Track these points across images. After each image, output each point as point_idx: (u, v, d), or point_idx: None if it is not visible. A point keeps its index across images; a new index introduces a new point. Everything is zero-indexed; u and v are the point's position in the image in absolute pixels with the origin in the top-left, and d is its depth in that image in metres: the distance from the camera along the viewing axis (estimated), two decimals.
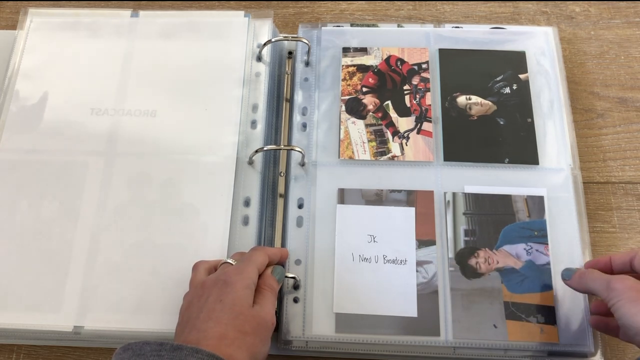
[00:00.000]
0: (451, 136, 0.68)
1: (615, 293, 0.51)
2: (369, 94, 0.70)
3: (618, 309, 0.51)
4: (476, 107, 0.69)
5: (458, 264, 0.62)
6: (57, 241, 0.63)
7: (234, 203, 0.65)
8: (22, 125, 0.69)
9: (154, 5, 0.81)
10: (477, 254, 0.62)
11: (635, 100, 0.74)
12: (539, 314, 0.59)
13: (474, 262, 0.61)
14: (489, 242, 0.62)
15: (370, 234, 0.63)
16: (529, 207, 0.63)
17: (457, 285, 0.61)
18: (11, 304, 0.61)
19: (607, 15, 0.80)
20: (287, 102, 0.73)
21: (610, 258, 0.57)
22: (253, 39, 0.73)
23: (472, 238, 0.63)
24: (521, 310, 0.59)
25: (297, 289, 0.61)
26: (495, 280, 0.61)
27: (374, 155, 0.67)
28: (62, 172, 0.67)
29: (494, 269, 0.61)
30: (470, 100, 0.69)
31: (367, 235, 0.63)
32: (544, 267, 0.61)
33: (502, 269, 0.61)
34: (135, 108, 0.70)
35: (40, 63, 0.73)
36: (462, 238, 0.63)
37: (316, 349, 0.60)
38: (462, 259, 0.62)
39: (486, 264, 0.61)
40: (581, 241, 0.62)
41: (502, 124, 0.68)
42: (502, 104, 0.69)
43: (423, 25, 0.75)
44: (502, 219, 0.63)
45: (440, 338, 0.59)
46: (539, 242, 0.62)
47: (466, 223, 0.63)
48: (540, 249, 0.62)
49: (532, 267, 0.61)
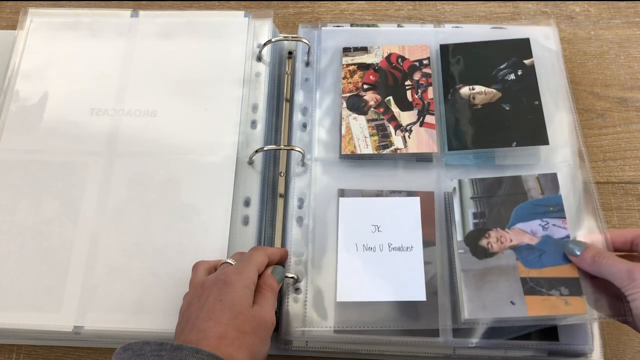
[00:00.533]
0: (455, 126, 0.67)
1: (637, 283, 0.49)
2: (370, 91, 0.70)
3: (635, 300, 0.49)
4: (480, 97, 0.68)
5: (468, 246, 0.60)
6: (57, 241, 0.63)
7: (234, 203, 0.65)
8: (22, 125, 0.69)
9: (154, 5, 0.81)
10: (488, 235, 0.60)
11: (635, 100, 0.74)
12: (562, 287, 0.57)
13: (485, 242, 0.60)
14: (500, 222, 0.61)
15: (374, 224, 0.63)
16: (542, 185, 0.62)
17: (469, 266, 0.59)
18: (11, 303, 0.61)
19: (607, 15, 0.80)
20: (287, 102, 0.73)
21: (610, 235, 0.56)
22: (253, 39, 0.73)
23: (482, 220, 0.61)
24: (541, 284, 0.57)
25: (297, 289, 0.61)
26: (510, 258, 0.59)
27: (377, 149, 0.66)
28: (62, 172, 0.67)
29: (508, 247, 0.59)
30: (474, 90, 0.69)
31: (371, 226, 0.63)
32: (563, 241, 0.59)
33: (517, 246, 0.59)
34: (135, 108, 0.70)
35: (40, 63, 0.73)
36: (471, 221, 0.61)
37: (316, 348, 0.60)
38: (472, 241, 0.60)
39: (498, 243, 0.59)
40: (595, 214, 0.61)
41: (508, 109, 0.67)
42: (506, 90, 0.68)
43: (423, 26, 0.75)
44: (514, 199, 0.62)
45: (439, 339, 0.59)
46: (556, 217, 0.60)
47: (474, 206, 0.62)
48: (558, 223, 0.60)
49: (550, 241, 0.59)
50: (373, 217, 0.63)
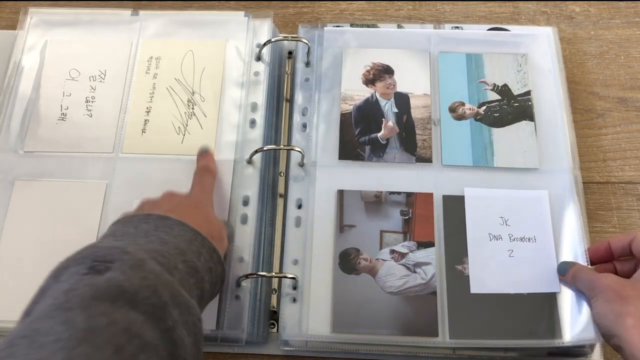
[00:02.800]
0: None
1: (594, 292, 0.52)
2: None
3: (593, 308, 0.52)
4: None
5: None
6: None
7: (233, 203, 0.65)
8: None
9: (154, 5, 0.81)
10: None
11: (635, 100, 0.74)
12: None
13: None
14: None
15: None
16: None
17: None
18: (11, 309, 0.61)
19: (607, 15, 0.79)
20: (287, 102, 0.73)
21: (609, 242, 0.57)
22: (253, 39, 0.73)
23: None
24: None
25: (296, 289, 0.61)
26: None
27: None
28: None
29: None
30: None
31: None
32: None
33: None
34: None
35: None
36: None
37: (316, 349, 0.60)
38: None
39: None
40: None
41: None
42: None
43: (423, 26, 0.75)
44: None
45: (437, 339, 0.59)
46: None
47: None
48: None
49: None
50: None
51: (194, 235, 0.48)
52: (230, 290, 0.61)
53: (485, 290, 0.60)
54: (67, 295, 0.37)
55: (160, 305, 0.40)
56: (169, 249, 0.45)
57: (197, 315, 0.43)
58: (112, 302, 0.38)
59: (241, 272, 0.61)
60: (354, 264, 0.62)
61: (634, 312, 0.48)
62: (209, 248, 0.49)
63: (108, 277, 0.39)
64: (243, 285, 0.61)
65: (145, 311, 0.39)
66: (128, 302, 0.38)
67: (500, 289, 0.60)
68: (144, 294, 0.39)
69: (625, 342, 0.47)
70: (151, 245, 0.45)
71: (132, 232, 0.47)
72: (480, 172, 0.66)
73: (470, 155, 0.67)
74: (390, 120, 0.69)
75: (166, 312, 0.40)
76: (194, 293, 0.46)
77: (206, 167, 0.63)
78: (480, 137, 0.68)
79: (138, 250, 0.43)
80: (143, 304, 0.39)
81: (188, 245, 0.47)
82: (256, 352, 0.62)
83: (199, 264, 0.47)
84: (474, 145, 0.67)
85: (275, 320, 0.62)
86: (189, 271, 0.46)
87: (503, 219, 0.63)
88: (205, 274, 0.48)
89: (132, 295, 0.39)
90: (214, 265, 0.49)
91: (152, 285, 0.40)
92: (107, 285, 0.38)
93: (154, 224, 0.48)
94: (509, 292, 0.60)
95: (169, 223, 0.48)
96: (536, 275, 0.60)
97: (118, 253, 0.42)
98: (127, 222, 0.49)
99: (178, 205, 0.54)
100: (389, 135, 0.68)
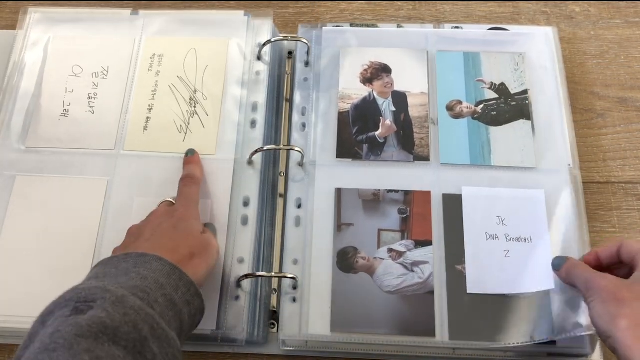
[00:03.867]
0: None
1: (590, 293, 0.51)
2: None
3: (590, 309, 0.51)
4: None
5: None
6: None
7: (233, 203, 0.65)
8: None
9: (154, 5, 0.82)
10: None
11: (635, 100, 0.74)
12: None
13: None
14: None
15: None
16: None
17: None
18: (12, 304, 0.61)
19: (607, 15, 0.79)
20: (287, 102, 0.74)
21: (597, 253, 0.57)
22: (253, 39, 0.73)
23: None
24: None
25: (296, 289, 0.61)
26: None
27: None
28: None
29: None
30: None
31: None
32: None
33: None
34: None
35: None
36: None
37: (316, 348, 0.60)
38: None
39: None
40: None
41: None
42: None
43: (423, 26, 0.75)
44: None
45: (435, 339, 0.58)
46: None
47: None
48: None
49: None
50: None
51: (172, 270, 0.50)
52: (230, 291, 0.61)
53: (482, 290, 0.60)
54: (52, 338, 0.39)
55: (141, 340, 0.42)
56: (148, 283, 0.47)
57: (176, 347, 0.45)
58: (95, 338, 0.40)
59: (241, 272, 0.61)
60: (351, 262, 0.62)
61: (629, 314, 0.48)
62: (186, 282, 0.50)
63: (90, 315, 0.41)
64: (243, 286, 0.61)
65: (126, 347, 0.41)
66: (110, 339, 0.40)
67: (496, 290, 0.60)
68: (125, 330, 0.41)
69: (619, 344, 0.47)
70: (132, 282, 0.47)
71: (114, 272, 0.48)
72: (477, 170, 0.66)
73: (468, 153, 0.67)
74: (387, 119, 0.69)
75: (146, 347, 0.42)
76: (173, 326, 0.47)
77: (190, 176, 0.64)
78: (478, 135, 0.68)
79: (119, 288, 0.45)
80: (124, 340, 0.41)
81: (167, 279, 0.49)
82: (256, 352, 0.62)
83: (176, 298, 0.48)
84: (471, 143, 0.67)
85: (275, 320, 0.62)
86: (167, 304, 0.47)
87: (500, 219, 0.63)
88: (183, 307, 0.49)
89: (113, 330, 0.41)
90: (191, 298, 0.50)
91: (132, 320, 0.42)
92: (89, 324, 0.40)
93: (132, 262, 0.49)
94: (506, 293, 0.60)
95: (147, 259, 0.49)
96: (531, 277, 0.60)
97: (99, 292, 0.43)
98: (107, 263, 0.50)
99: (158, 228, 0.56)
100: (386, 134, 0.68)
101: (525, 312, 0.59)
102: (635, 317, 0.47)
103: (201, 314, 0.52)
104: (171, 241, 0.54)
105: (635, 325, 0.47)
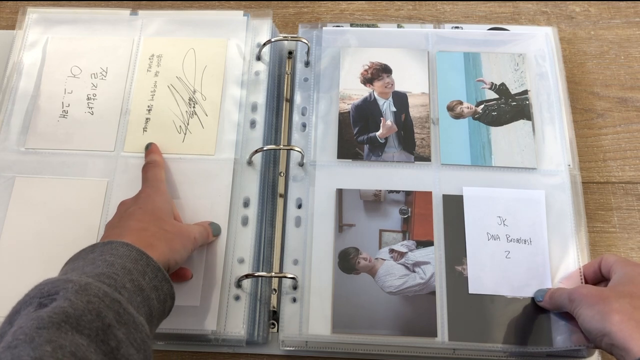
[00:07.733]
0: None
1: (575, 303, 0.53)
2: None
3: (579, 317, 0.52)
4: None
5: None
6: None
7: (233, 203, 0.65)
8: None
9: (154, 5, 0.81)
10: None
11: (635, 100, 0.74)
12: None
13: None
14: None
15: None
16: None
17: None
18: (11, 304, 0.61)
19: (607, 15, 0.79)
20: (287, 102, 0.73)
21: (580, 270, 0.59)
22: (252, 39, 0.73)
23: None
24: None
25: (296, 289, 0.61)
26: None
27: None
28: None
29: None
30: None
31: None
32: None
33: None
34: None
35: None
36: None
37: (316, 349, 0.60)
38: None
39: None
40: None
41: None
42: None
43: (423, 26, 0.75)
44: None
45: (437, 339, 0.58)
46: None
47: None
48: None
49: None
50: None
51: (139, 255, 0.49)
52: (230, 291, 0.61)
53: (483, 291, 0.60)
54: (15, 335, 0.39)
55: (103, 327, 0.41)
56: (115, 269, 0.47)
57: (145, 331, 0.44)
58: (57, 328, 0.39)
59: (241, 272, 0.61)
60: (353, 263, 0.62)
61: (619, 308, 0.49)
62: (153, 267, 0.50)
63: (53, 307, 0.41)
64: (243, 286, 0.61)
65: (89, 335, 0.40)
66: (73, 327, 0.40)
67: (497, 291, 0.60)
68: (88, 318, 0.41)
69: (616, 337, 0.48)
70: (98, 269, 0.46)
71: (81, 264, 0.48)
72: (478, 171, 0.66)
73: (469, 154, 0.67)
74: (388, 119, 0.69)
75: (109, 334, 0.41)
76: (142, 311, 0.47)
77: (150, 161, 0.64)
78: (479, 136, 0.68)
79: (83, 277, 0.44)
80: (87, 328, 0.40)
81: (134, 265, 0.48)
82: (256, 352, 0.62)
83: (144, 283, 0.48)
84: (472, 144, 0.67)
85: (275, 320, 0.62)
86: (135, 290, 0.47)
87: (501, 219, 0.63)
88: (151, 292, 0.49)
89: (76, 319, 0.40)
90: (159, 284, 0.50)
91: (96, 308, 0.42)
92: (50, 315, 0.40)
93: (99, 251, 0.49)
94: (506, 294, 0.60)
95: (114, 246, 0.49)
96: (531, 278, 0.60)
97: (62, 283, 0.43)
98: (75, 258, 0.50)
99: (125, 213, 0.56)
100: (387, 134, 0.68)
101: (525, 317, 0.59)
102: (625, 310, 0.49)
103: (172, 299, 0.52)
104: (138, 222, 0.54)
105: (628, 318, 0.48)
